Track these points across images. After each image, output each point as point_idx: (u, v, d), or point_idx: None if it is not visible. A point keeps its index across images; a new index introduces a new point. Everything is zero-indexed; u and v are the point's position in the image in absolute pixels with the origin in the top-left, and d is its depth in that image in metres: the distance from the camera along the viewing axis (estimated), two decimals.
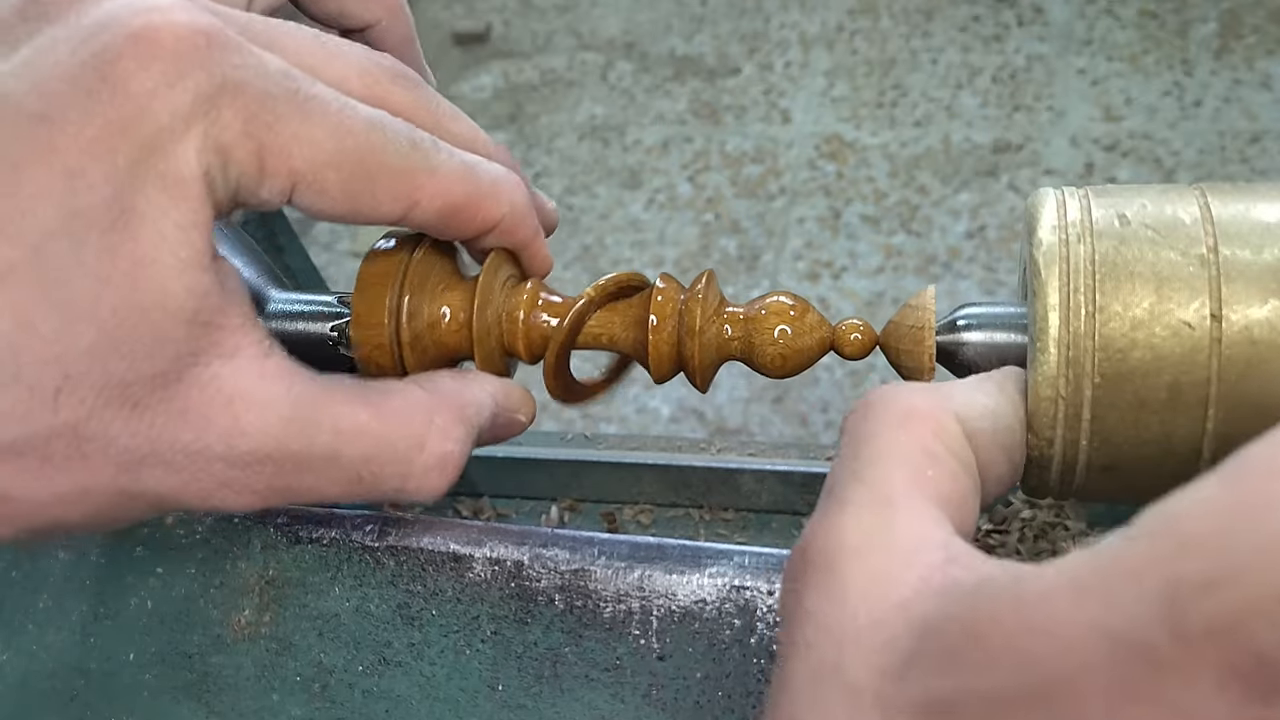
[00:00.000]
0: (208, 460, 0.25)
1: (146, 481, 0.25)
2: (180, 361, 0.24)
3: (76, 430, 0.23)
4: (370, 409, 0.28)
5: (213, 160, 0.24)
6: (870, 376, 1.53)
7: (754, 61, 2.06)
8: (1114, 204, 0.28)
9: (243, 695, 0.34)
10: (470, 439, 0.30)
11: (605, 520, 0.63)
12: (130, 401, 0.24)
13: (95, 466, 0.24)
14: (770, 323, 0.31)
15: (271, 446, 0.25)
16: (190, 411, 0.25)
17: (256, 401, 0.25)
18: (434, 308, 0.32)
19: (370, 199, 0.27)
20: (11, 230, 0.22)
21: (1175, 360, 0.26)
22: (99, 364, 0.23)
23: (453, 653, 0.33)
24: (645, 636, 0.31)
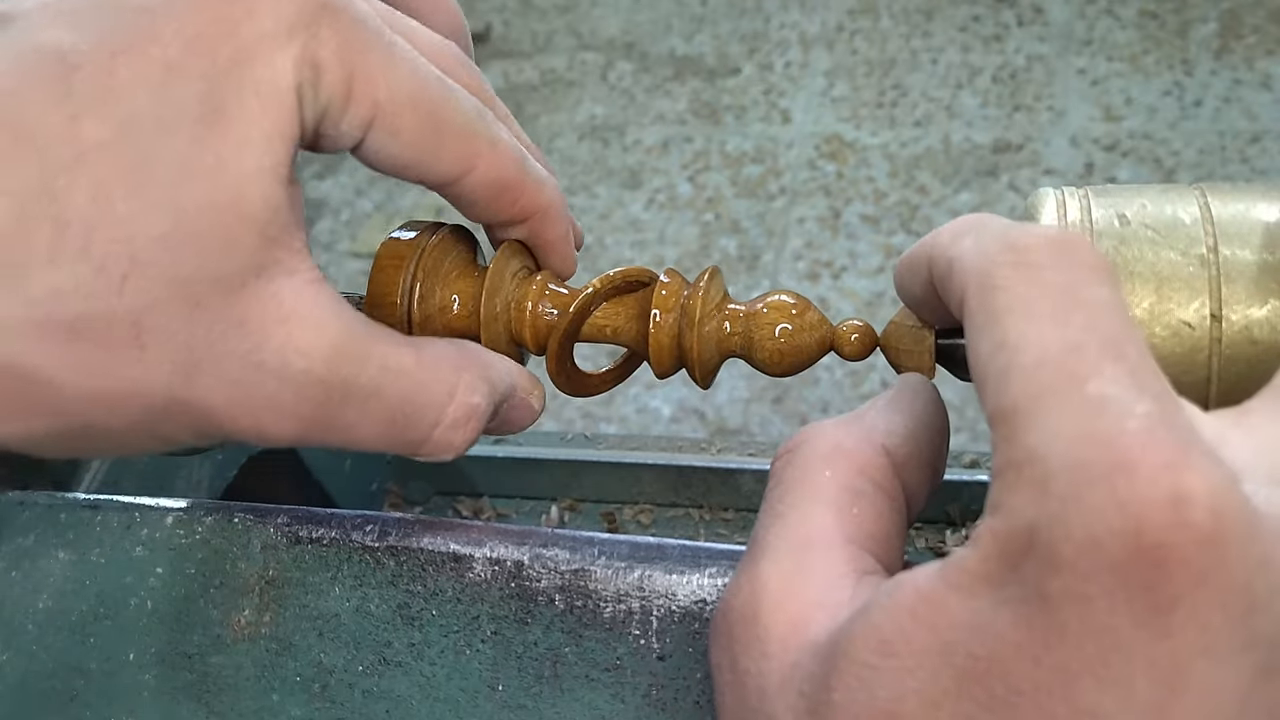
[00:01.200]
0: (261, 375, 0.25)
1: (197, 389, 0.24)
2: (245, 270, 0.24)
3: (138, 319, 0.23)
4: (412, 351, 0.28)
5: (307, 75, 0.25)
6: (870, 376, 1.53)
7: (754, 61, 2.06)
8: (1114, 204, 0.28)
9: (243, 695, 0.34)
10: (492, 401, 0.30)
11: (605, 520, 0.63)
12: (193, 300, 0.23)
13: (151, 362, 0.23)
14: (770, 319, 0.32)
15: (322, 369, 0.25)
16: (250, 321, 0.24)
17: (313, 322, 0.25)
18: (445, 293, 0.32)
19: (435, 151, 0.28)
20: (104, 110, 0.22)
21: (1175, 360, 0.26)
22: (169, 254, 0.23)
23: (453, 653, 0.33)
24: (645, 636, 0.31)
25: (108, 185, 0.22)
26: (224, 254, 0.24)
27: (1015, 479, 0.19)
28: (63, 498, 0.40)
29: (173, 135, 0.23)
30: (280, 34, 0.24)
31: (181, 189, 0.23)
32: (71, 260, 0.22)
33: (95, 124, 0.22)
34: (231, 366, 0.24)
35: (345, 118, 0.26)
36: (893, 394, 0.28)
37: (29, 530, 0.39)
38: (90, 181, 0.22)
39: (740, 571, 0.24)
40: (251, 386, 0.25)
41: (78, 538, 0.38)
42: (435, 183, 0.29)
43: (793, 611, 0.22)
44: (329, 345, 0.25)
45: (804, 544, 0.23)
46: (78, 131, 0.22)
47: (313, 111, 0.25)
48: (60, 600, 0.37)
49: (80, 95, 0.22)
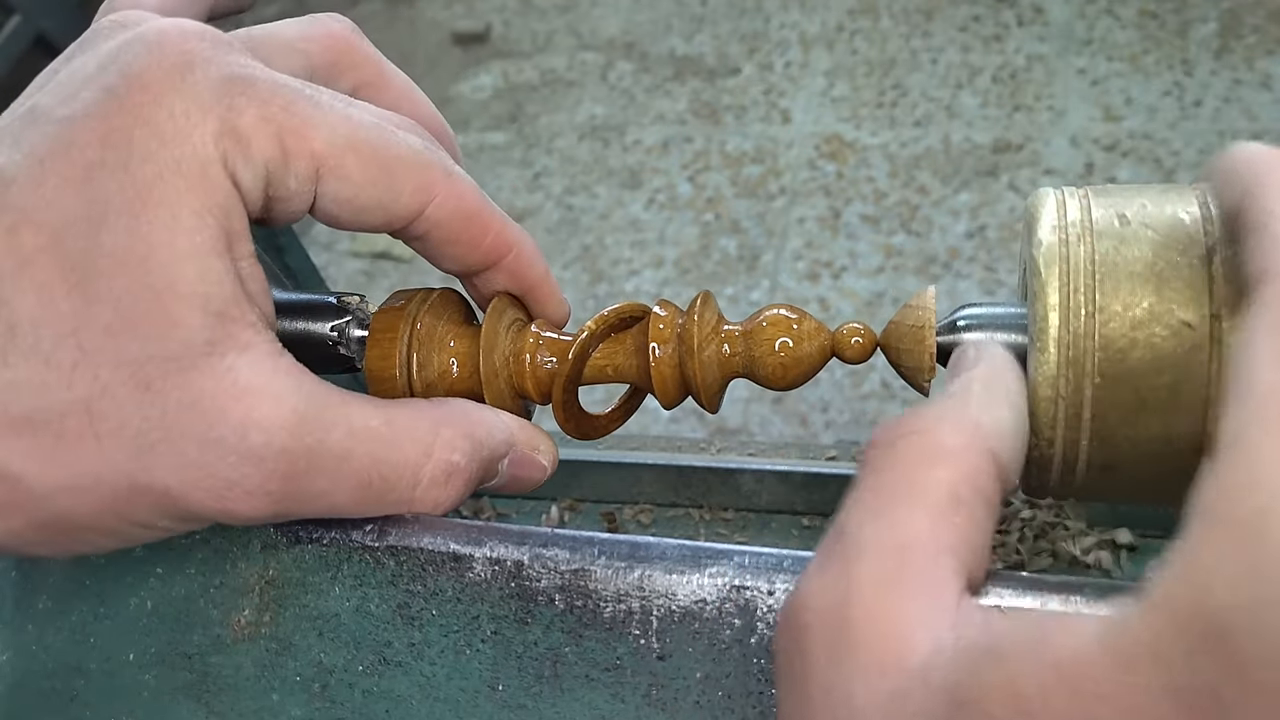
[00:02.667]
0: (220, 453, 0.25)
1: (158, 473, 0.25)
2: (194, 348, 0.24)
3: (90, 406, 0.24)
4: (380, 413, 0.28)
5: (230, 146, 0.25)
6: (870, 376, 1.53)
7: (754, 61, 2.06)
8: (1114, 204, 0.28)
9: (243, 695, 0.34)
10: (478, 457, 0.30)
11: (605, 520, 0.63)
12: (143, 383, 0.24)
13: (107, 449, 0.24)
14: (769, 334, 0.32)
15: (285, 440, 0.25)
16: (203, 400, 0.25)
17: (270, 394, 0.25)
18: (443, 358, 0.32)
19: (390, 185, 0.28)
20: (38, 217, 0.24)
21: (1175, 360, 0.26)
22: (114, 342, 0.24)
23: (453, 652, 0.33)
24: (645, 636, 0.31)
25: (50, 286, 0.23)
26: (167, 335, 0.24)
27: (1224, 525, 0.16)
28: None
29: (103, 229, 0.24)
30: (193, 113, 0.25)
31: (117, 279, 0.24)
32: (22, 357, 0.23)
33: (32, 233, 0.24)
34: (188, 447, 0.24)
35: (290, 175, 0.26)
36: (989, 375, 0.26)
37: None
38: (34, 285, 0.24)
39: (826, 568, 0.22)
40: (211, 466, 0.25)
41: None
42: (399, 221, 0.29)
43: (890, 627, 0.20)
44: (290, 415, 0.25)
45: (903, 549, 0.21)
46: (17, 242, 0.23)
47: (253, 177, 0.26)
48: (60, 600, 0.37)
49: (15, 207, 0.24)
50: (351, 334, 0.35)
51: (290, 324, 0.35)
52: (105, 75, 0.25)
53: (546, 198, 1.92)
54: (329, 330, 0.34)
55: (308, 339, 0.34)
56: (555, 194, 1.92)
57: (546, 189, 1.94)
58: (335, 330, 0.34)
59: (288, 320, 0.35)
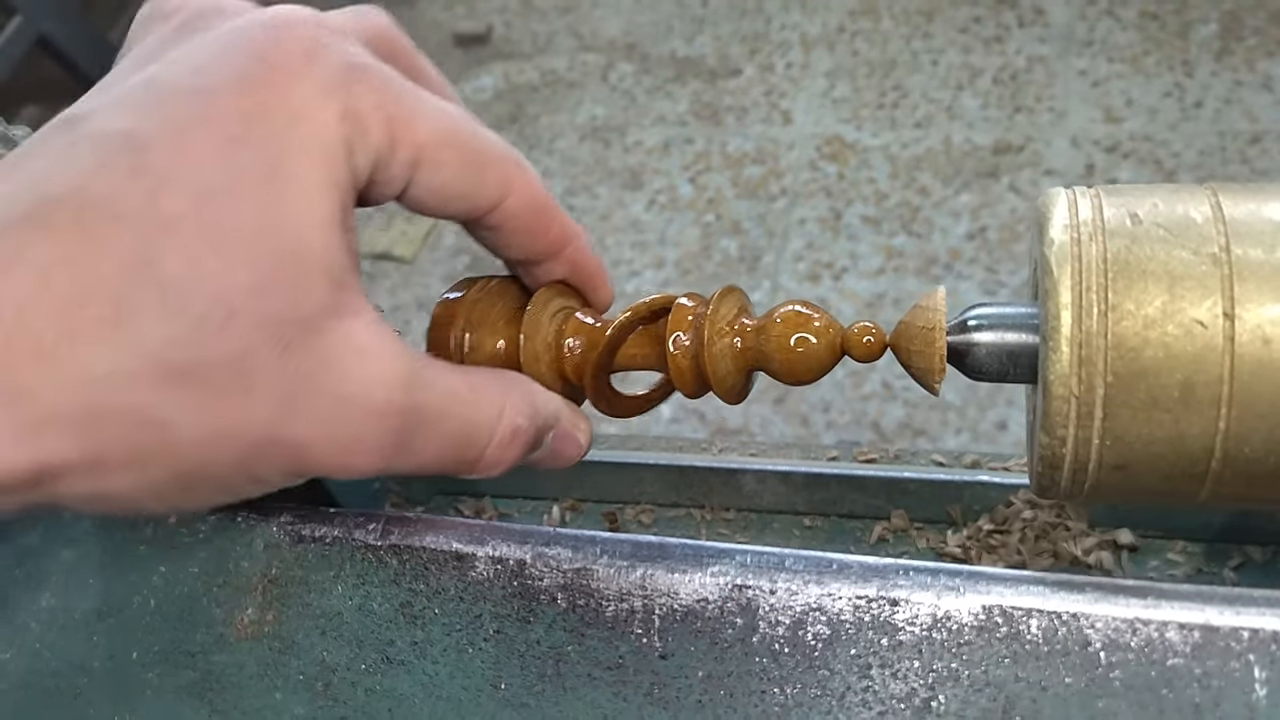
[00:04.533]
0: (349, 409, 0.27)
1: (295, 427, 0.26)
2: (321, 312, 0.26)
3: (239, 362, 0.25)
4: (462, 377, 0.30)
5: (351, 128, 0.27)
6: (871, 377, 1.53)
7: (755, 63, 2.06)
8: (1125, 203, 0.28)
9: (246, 694, 0.34)
10: (534, 424, 0.31)
11: (607, 520, 0.63)
12: (283, 342, 0.26)
13: (254, 402, 0.26)
14: (780, 331, 0.32)
15: (401, 398, 0.27)
16: (331, 360, 0.27)
17: (385, 356, 0.27)
18: (493, 341, 0.34)
19: (477, 178, 0.30)
20: (177, 184, 0.25)
21: (1188, 359, 0.26)
22: (257, 302, 0.25)
23: (455, 651, 0.33)
24: (648, 635, 0.31)
25: (195, 251, 0.25)
26: (302, 298, 0.26)
27: None
28: None
29: (242, 198, 0.26)
30: (320, 96, 0.27)
31: (258, 244, 0.26)
32: (177, 314, 0.25)
33: (174, 197, 0.25)
34: (323, 403, 0.27)
35: (394, 161, 0.29)
36: None
37: (33, 529, 0.39)
38: (178, 247, 0.25)
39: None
40: (341, 421, 0.27)
41: (81, 536, 0.38)
42: (480, 210, 0.31)
43: None
44: (402, 374, 0.28)
45: None
46: (160, 206, 0.25)
47: (364, 159, 0.28)
48: (64, 598, 0.37)
49: (155, 173, 0.25)
50: None
51: None
52: (235, 55, 0.27)
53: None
54: None
55: None
56: (556, 194, 1.92)
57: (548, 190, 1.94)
58: None
59: None
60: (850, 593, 0.31)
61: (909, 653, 0.30)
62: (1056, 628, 0.29)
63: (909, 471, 0.61)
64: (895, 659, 0.30)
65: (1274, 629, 0.28)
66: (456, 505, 0.66)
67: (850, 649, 0.30)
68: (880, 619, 0.30)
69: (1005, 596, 0.30)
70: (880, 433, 1.49)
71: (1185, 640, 0.28)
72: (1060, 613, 0.29)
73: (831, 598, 0.31)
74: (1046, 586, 0.30)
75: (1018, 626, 0.29)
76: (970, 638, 0.30)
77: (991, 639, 0.29)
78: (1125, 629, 0.28)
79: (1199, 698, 0.27)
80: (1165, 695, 0.28)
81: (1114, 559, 0.56)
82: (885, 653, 0.30)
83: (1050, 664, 0.29)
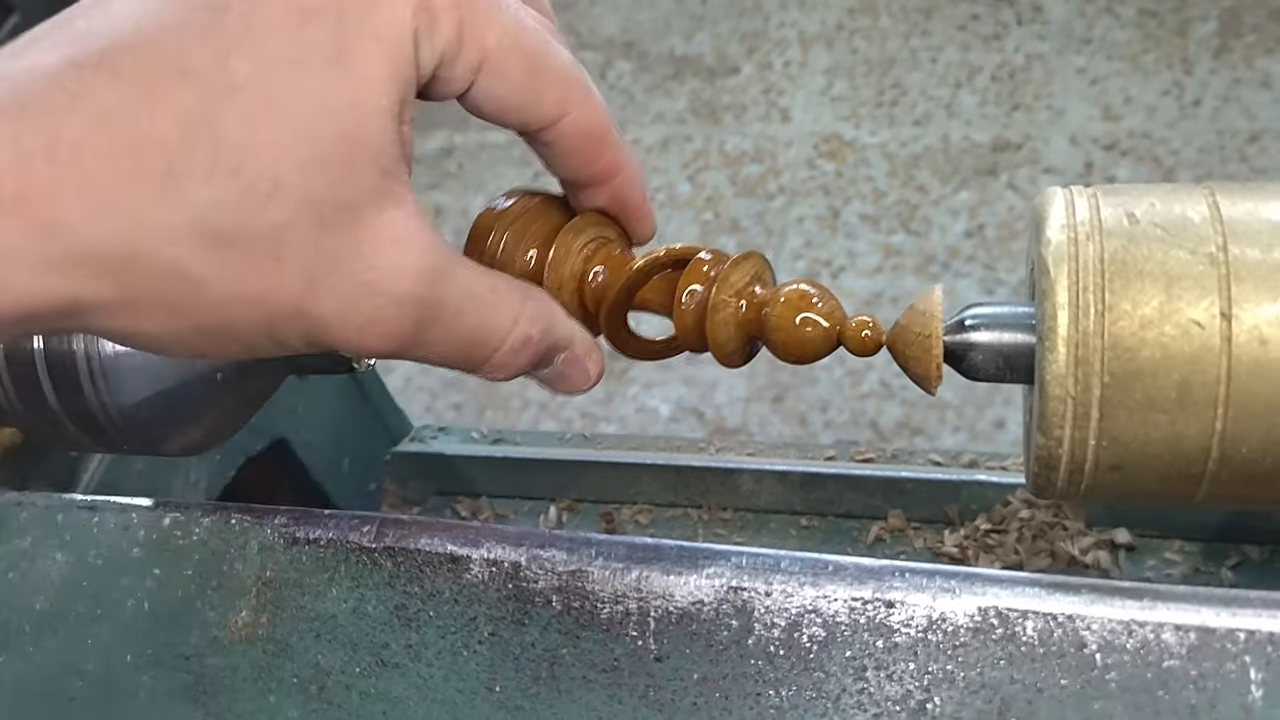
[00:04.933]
0: (371, 291, 0.28)
1: (318, 302, 0.27)
2: (365, 197, 0.27)
3: (278, 235, 0.26)
4: (487, 279, 0.31)
5: (422, 22, 0.28)
6: (869, 376, 1.53)
7: (753, 61, 2.06)
8: (1122, 203, 0.28)
9: (240, 697, 0.34)
10: (547, 340, 0.32)
11: (603, 520, 0.63)
12: (323, 221, 0.27)
13: (284, 274, 0.27)
14: (783, 309, 0.32)
15: (422, 291, 0.28)
16: (365, 244, 0.27)
17: (417, 248, 0.28)
18: (523, 257, 0.34)
19: (537, 93, 0.31)
20: (249, 49, 0.26)
21: (1185, 359, 0.26)
22: (305, 179, 0.26)
23: (450, 654, 0.33)
24: (643, 637, 0.31)
25: (255, 118, 0.26)
26: (349, 182, 0.27)
27: None
28: (60, 499, 0.40)
29: (307, 74, 0.26)
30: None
31: (316, 123, 0.26)
32: (226, 178, 0.25)
33: (242, 61, 0.26)
34: (347, 285, 0.27)
35: (459, 62, 0.29)
36: None
37: (26, 531, 0.39)
38: (240, 113, 0.25)
39: None
40: (361, 304, 0.28)
41: (75, 539, 0.38)
42: (535, 126, 0.32)
43: None
44: (429, 268, 0.28)
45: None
46: (228, 67, 0.26)
47: (429, 56, 0.28)
48: (57, 602, 0.37)
49: (228, 34, 0.26)
50: None
51: None
52: None
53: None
54: None
55: None
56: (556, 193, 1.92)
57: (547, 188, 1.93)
58: None
59: None
60: (846, 594, 0.31)
61: (904, 655, 0.30)
62: (1052, 629, 0.29)
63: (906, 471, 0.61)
64: (890, 661, 0.30)
65: (1270, 630, 0.28)
66: (453, 506, 0.66)
67: (845, 651, 0.30)
68: (876, 621, 0.30)
69: (1001, 598, 0.30)
70: (878, 432, 1.49)
71: (1181, 642, 0.28)
72: (1056, 614, 0.29)
73: (827, 600, 0.31)
74: (1042, 588, 0.30)
75: (1013, 628, 0.29)
76: (966, 639, 0.29)
77: (987, 641, 0.29)
78: (1121, 630, 0.28)
79: (1195, 699, 0.27)
80: (1161, 697, 0.28)
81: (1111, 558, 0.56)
82: (880, 655, 0.30)
83: (1046, 666, 0.29)
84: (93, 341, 0.33)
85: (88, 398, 0.34)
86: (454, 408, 1.62)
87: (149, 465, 0.53)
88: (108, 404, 0.34)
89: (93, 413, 0.34)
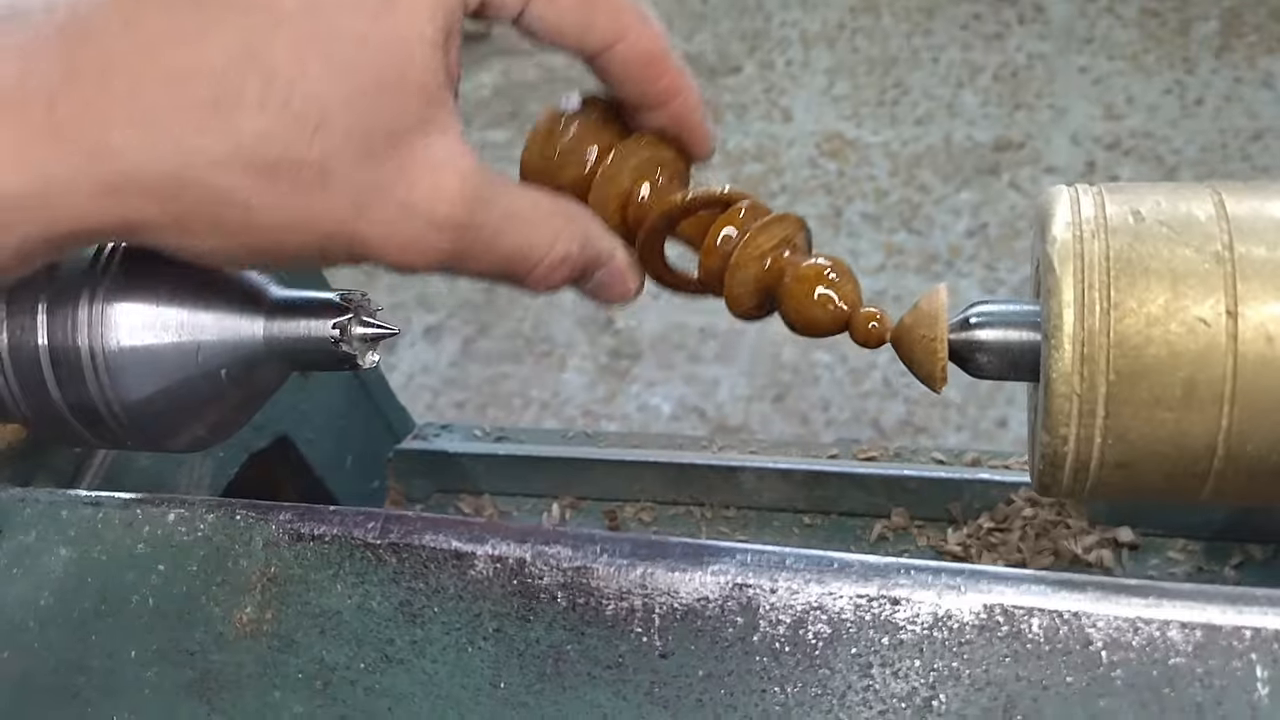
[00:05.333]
0: (412, 215, 0.29)
1: (362, 224, 0.28)
2: (409, 126, 0.28)
3: (324, 165, 0.27)
4: (529, 199, 0.32)
5: None
6: (871, 374, 1.53)
7: (755, 60, 2.06)
8: (1128, 201, 0.28)
9: (244, 693, 0.34)
10: (586, 255, 0.33)
11: (607, 518, 0.63)
12: (368, 150, 0.28)
13: (331, 201, 0.28)
14: (802, 277, 0.32)
15: (461, 214, 0.29)
16: (408, 169, 0.28)
17: (457, 173, 0.29)
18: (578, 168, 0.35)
19: (590, 20, 0.31)
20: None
21: (1191, 357, 0.26)
22: (351, 112, 0.27)
23: (455, 650, 0.33)
24: (648, 634, 0.31)
25: (302, 50, 0.26)
26: (393, 113, 0.28)
27: None
28: (64, 495, 0.40)
29: (355, 7, 0.27)
30: None
31: (362, 57, 0.27)
32: (275, 110, 0.26)
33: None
34: (390, 209, 0.29)
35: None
36: None
37: (30, 527, 0.39)
38: (288, 45, 0.26)
39: None
40: (404, 224, 0.29)
41: (79, 535, 0.38)
42: (590, 50, 0.32)
43: None
44: (470, 192, 0.29)
45: None
46: (275, 1, 0.26)
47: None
48: (62, 597, 0.37)
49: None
50: (354, 332, 0.34)
51: (292, 322, 0.34)
52: None
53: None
54: (331, 328, 0.34)
55: (309, 337, 0.34)
56: None
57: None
58: (337, 328, 0.34)
59: (289, 319, 0.34)
60: (851, 591, 0.31)
61: (910, 652, 0.30)
62: (1058, 627, 0.29)
63: (909, 469, 0.61)
64: (896, 658, 0.30)
65: (1276, 628, 0.28)
66: (456, 503, 0.66)
67: (851, 648, 0.30)
68: (881, 618, 0.30)
69: (1006, 595, 0.30)
70: (880, 430, 1.49)
71: (1187, 639, 0.28)
72: (1062, 612, 0.29)
73: (832, 596, 0.31)
74: (1048, 585, 0.30)
75: (1019, 625, 0.29)
76: (971, 637, 0.29)
77: (993, 638, 0.29)
78: (1127, 628, 0.28)
79: (1201, 697, 0.27)
80: (1167, 694, 0.28)
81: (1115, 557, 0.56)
82: (886, 652, 0.30)
83: (1051, 663, 0.29)
84: (98, 337, 0.33)
85: (92, 393, 0.34)
86: (456, 405, 1.62)
87: (153, 461, 0.53)
88: (112, 400, 0.34)
89: (97, 408, 0.34)
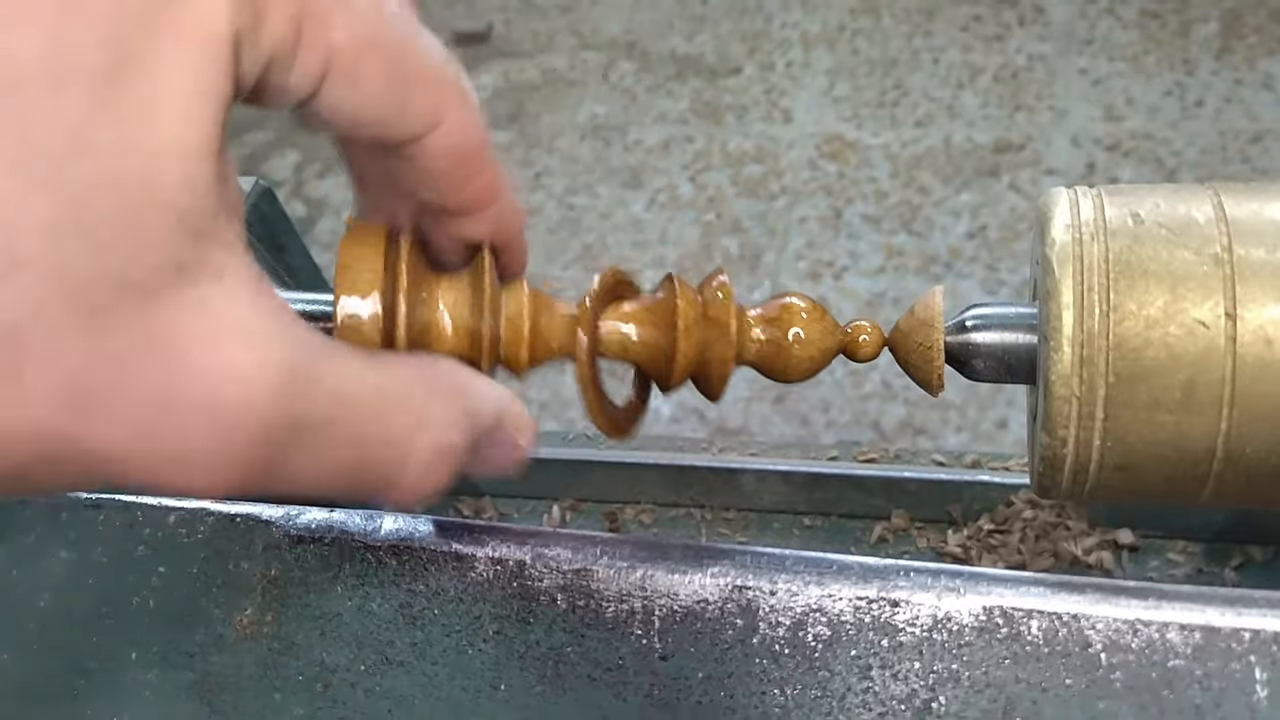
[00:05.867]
0: (179, 411, 0.19)
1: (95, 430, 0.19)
2: (160, 271, 0.18)
3: (17, 334, 0.17)
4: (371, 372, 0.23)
5: (245, 21, 0.19)
6: (871, 376, 1.53)
7: (755, 61, 2.06)
8: (1127, 203, 0.28)
9: (245, 695, 0.34)
10: (471, 437, 0.25)
11: (607, 520, 0.63)
12: (89, 307, 0.18)
13: (32, 392, 0.18)
14: (787, 323, 0.30)
15: (266, 399, 0.20)
16: (165, 340, 0.19)
17: (254, 339, 0.20)
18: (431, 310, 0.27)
19: (401, 101, 0.23)
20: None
21: (1190, 359, 0.26)
22: (56, 247, 0.17)
23: (455, 652, 0.33)
24: (647, 636, 0.31)
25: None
26: (130, 250, 0.18)
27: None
28: (64, 497, 0.40)
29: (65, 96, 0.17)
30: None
31: (73, 165, 0.17)
32: None
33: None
34: (138, 402, 0.19)
35: (294, 68, 0.21)
36: None
37: (30, 529, 0.39)
38: None
39: None
40: (166, 430, 0.19)
41: (80, 537, 0.38)
42: (396, 141, 0.24)
43: None
44: (275, 371, 0.20)
45: None
46: None
47: (252, 62, 0.20)
48: (62, 599, 0.37)
49: None
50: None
51: None
52: None
53: (548, 197, 1.92)
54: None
55: None
56: (556, 193, 1.92)
57: (548, 188, 1.93)
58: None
59: None
60: (851, 594, 0.31)
61: (909, 654, 0.30)
62: (1057, 629, 0.29)
63: (909, 471, 0.61)
64: (896, 660, 0.30)
65: (1275, 630, 0.28)
66: (456, 505, 0.66)
67: (851, 650, 0.30)
68: (881, 620, 0.30)
69: (1006, 597, 0.30)
70: (880, 432, 1.49)
71: (1186, 641, 0.28)
72: (1061, 614, 0.29)
73: (832, 599, 0.31)
74: (1047, 587, 0.30)
75: (1018, 627, 0.29)
76: (971, 639, 0.29)
77: (992, 640, 0.29)
78: (1126, 630, 0.28)
79: (1200, 699, 0.27)
80: (1166, 696, 0.28)
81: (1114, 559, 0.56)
82: (886, 654, 0.30)
83: (1051, 665, 0.29)
84: None
85: None
86: None
87: None
88: None
89: None
